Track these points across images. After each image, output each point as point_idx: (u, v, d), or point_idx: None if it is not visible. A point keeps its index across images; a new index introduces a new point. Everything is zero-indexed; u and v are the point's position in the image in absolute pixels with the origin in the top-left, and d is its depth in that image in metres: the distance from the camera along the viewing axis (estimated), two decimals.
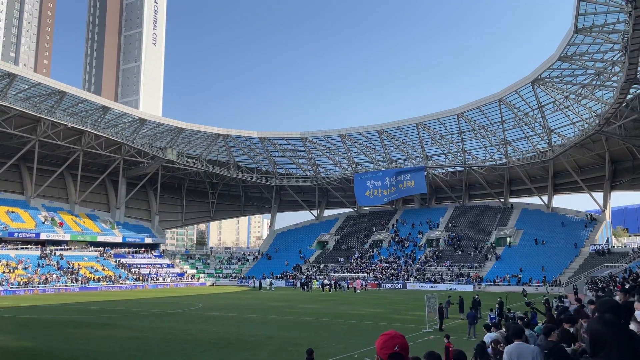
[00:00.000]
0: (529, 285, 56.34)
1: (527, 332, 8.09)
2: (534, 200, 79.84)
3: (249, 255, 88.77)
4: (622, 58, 41.64)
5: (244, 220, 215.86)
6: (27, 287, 54.22)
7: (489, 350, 8.97)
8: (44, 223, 66.85)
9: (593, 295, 33.09)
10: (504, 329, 12.39)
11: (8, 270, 56.13)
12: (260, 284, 65.46)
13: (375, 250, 77.53)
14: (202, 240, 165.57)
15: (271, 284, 64.23)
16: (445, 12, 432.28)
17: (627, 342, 2.40)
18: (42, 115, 60.50)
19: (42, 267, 60.20)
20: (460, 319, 28.51)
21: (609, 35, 42.46)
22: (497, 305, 25.24)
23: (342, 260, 75.88)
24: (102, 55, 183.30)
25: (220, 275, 78.05)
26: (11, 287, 52.81)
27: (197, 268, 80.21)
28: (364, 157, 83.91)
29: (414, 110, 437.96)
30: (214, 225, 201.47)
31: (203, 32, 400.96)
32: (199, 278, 75.26)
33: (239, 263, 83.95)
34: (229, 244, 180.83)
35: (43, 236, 64.93)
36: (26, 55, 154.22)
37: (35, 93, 60.87)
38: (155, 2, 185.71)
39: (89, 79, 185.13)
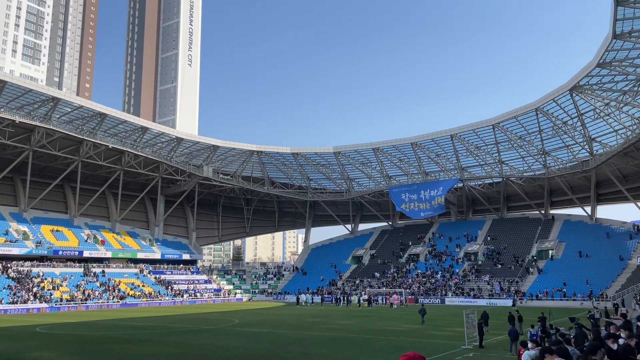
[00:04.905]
0: (574, 300, 54.35)
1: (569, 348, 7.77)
2: (576, 211, 77.36)
3: (284, 270, 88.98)
4: None
5: (279, 235, 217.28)
6: (71, 303, 55.85)
7: None
8: (86, 241, 68.96)
9: None
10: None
11: (52, 287, 57.99)
12: (297, 299, 65.33)
13: (411, 264, 76.42)
14: (238, 256, 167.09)
15: (322, 300, 65.78)
16: (479, 24, 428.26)
17: None
18: (84, 137, 62.79)
19: (85, 283, 61.95)
20: (492, 332, 27.84)
21: None
22: (538, 321, 24.36)
23: (377, 275, 75.09)
24: (140, 77, 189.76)
25: (257, 290, 78.46)
26: (56, 304, 54.49)
27: (233, 284, 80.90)
28: (398, 171, 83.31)
29: (449, 122, 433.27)
30: (249, 240, 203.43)
31: (234, 47, 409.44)
32: (235, 294, 75.85)
33: (275, 278, 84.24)
34: (264, 259, 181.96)
35: (86, 254, 66.93)
36: (69, 79, 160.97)
37: (78, 116, 63.33)
38: (191, 25, 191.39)
39: (128, 100, 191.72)
